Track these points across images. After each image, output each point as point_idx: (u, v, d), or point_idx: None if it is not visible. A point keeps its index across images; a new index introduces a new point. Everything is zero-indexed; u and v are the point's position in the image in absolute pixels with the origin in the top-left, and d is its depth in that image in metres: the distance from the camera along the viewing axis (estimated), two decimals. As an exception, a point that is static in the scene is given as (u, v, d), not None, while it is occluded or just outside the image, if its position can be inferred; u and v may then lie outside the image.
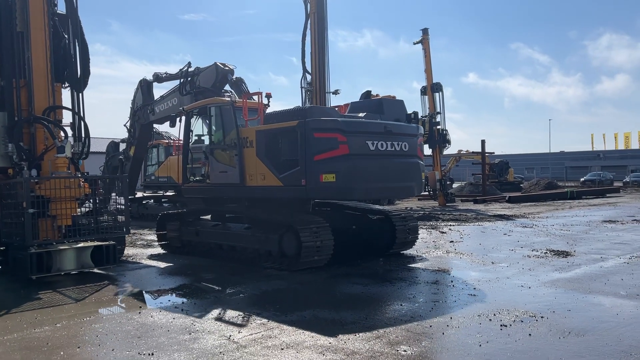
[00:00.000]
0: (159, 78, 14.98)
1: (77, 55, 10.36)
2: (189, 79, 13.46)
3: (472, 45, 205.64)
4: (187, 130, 11.51)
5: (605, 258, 10.22)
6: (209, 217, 11.81)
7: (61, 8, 10.38)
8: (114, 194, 11.09)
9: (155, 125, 17.51)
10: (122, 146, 20.86)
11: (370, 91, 10.95)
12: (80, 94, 10.35)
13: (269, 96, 10.25)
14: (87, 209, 10.57)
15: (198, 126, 11.76)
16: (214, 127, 11.05)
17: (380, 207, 11.79)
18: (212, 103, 11.02)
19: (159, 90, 15.64)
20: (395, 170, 9.54)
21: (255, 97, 10.49)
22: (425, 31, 27.26)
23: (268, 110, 10.40)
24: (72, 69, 10.30)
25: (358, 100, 10.98)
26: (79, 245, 9.10)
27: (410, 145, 9.77)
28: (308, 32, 16.45)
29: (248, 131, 9.95)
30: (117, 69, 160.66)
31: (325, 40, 16.40)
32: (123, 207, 10.21)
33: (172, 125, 11.84)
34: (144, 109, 15.09)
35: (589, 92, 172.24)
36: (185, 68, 13.54)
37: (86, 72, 10.48)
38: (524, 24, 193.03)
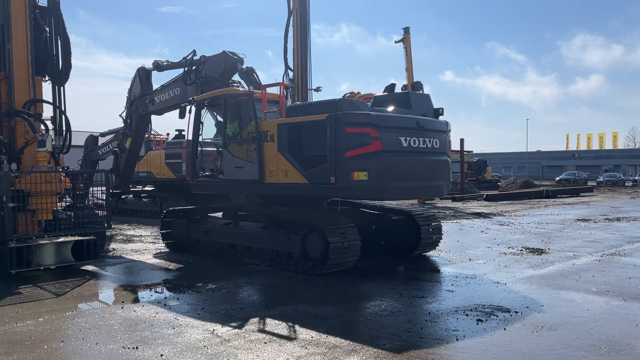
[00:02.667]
0: (159, 66, 14.25)
1: (58, 49, 10.28)
2: (194, 67, 12.89)
3: (449, 42, 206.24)
4: (197, 122, 10.84)
5: (578, 256, 10.54)
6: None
7: (42, 1, 10.29)
8: (98, 189, 10.93)
9: None
10: (102, 140, 20.60)
11: (395, 84, 10.26)
12: (62, 88, 10.29)
13: (287, 88, 9.89)
14: (66, 204, 10.51)
15: (208, 118, 11.14)
16: (228, 119, 10.35)
17: (399, 207, 11.13)
18: (227, 93, 10.34)
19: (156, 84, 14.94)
20: (426, 169, 9.03)
21: (275, 89, 10.01)
22: (406, 30, 27.52)
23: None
24: (53, 62, 10.22)
25: (381, 93, 10.47)
26: (59, 239, 9.08)
27: (441, 142, 9.27)
28: (290, 29, 16.51)
29: (268, 124, 9.32)
30: (93, 61, 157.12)
31: (308, 37, 16.47)
32: (104, 201, 10.19)
33: (182, 116, 11.30)
34: (143, 98, 14.40)
35: (563, 92, 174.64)
36: (190, 56, 12.88)
37: (67, 65, 10.41)
38: (500, 23, 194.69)
